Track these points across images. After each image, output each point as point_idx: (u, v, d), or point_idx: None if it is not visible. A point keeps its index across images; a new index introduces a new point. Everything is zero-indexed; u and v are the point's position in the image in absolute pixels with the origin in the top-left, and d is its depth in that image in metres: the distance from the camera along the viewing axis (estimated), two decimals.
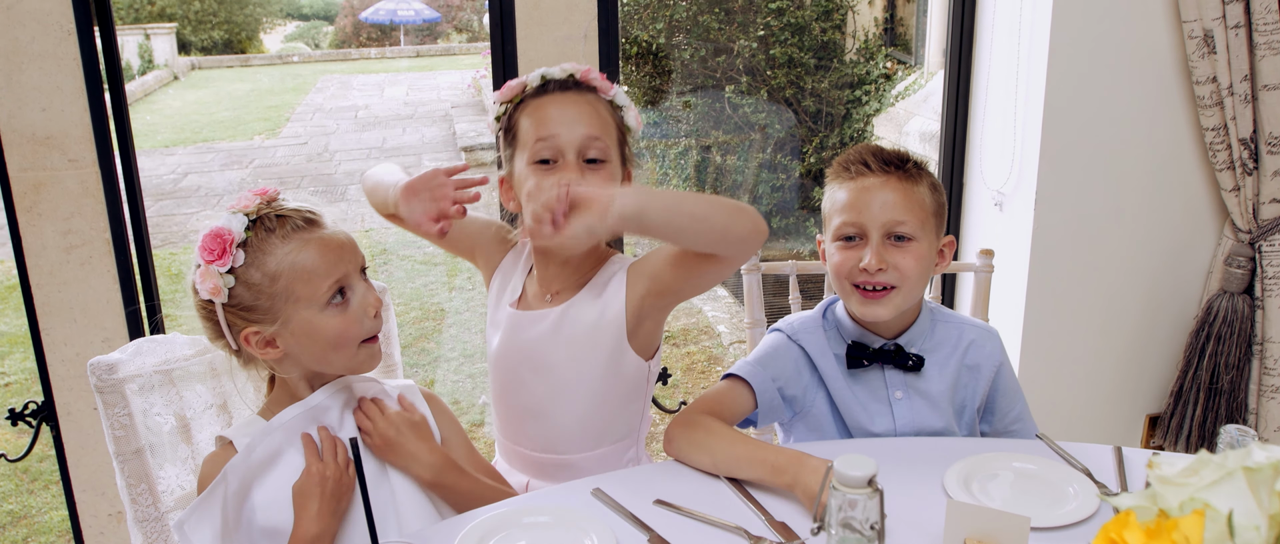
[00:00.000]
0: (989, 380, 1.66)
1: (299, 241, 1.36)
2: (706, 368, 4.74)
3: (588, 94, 1.56)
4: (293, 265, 1.35)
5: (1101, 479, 1.45)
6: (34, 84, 2.07)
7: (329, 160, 10.00)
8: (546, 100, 1.54)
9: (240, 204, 1.37)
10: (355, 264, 1.40)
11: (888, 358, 1.61)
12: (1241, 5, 2.45)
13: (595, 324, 1.55)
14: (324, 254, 1.36)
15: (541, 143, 1.50)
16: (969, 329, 1.67)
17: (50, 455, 3.62)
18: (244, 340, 1.38)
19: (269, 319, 1.36)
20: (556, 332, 1.57)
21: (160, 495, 1.59)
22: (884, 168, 1.58)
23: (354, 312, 1.39)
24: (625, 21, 6.84)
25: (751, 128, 6.96)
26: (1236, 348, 2.71)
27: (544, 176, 1.49)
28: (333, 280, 1.37)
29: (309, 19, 23.57)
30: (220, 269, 1.33)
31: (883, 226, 1.56)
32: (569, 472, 1.63)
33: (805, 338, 1.65)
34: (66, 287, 2.19)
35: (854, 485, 1.08)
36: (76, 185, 2.15)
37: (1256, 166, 2.58)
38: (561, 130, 1.50)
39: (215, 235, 1.34)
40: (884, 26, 7.05)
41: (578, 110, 1.52)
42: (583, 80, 1.56)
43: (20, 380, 4.82)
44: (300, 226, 1.37)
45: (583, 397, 1.59)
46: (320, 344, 1.38)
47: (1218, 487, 0.66)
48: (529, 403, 1.62)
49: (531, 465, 1.66)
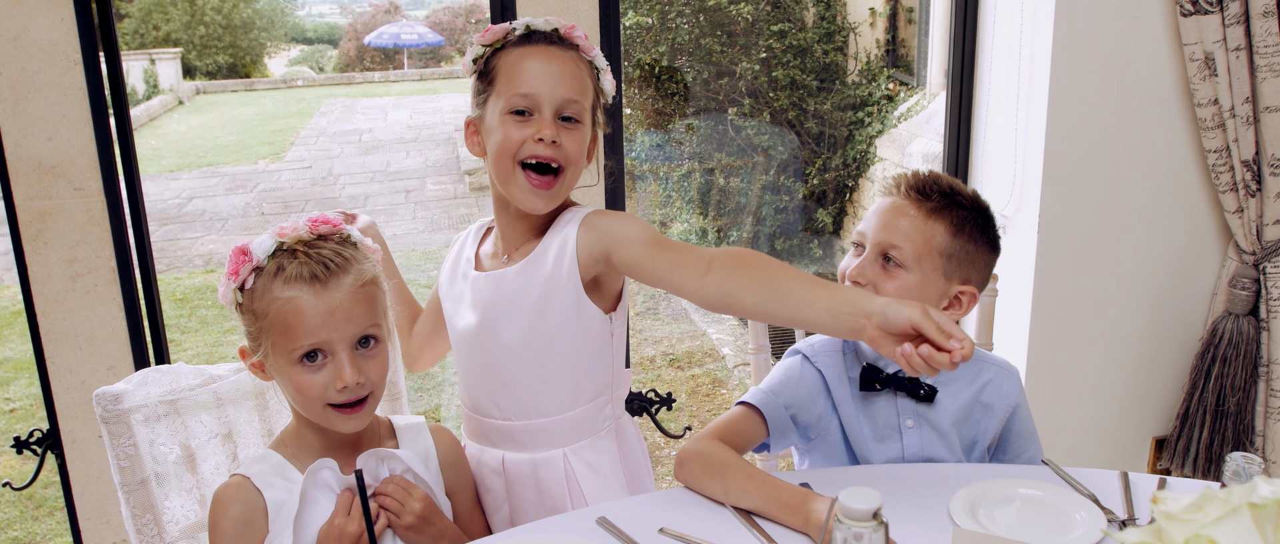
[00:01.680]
0: (1002, 420, 1.65)
1: (295, 292, 1.33)
2: (711, 391, 4.74)
3: (570, 52, 1.53)
4: (278, 313, 1.33)
5: (1108, 505, 1.44)
6: (40, 114, 2.08)
7: (333, 184, 10.04)
8: (529, 52, 1.50)
9: (289, 227, 1.36)
10: (343, 334, 1.35)
11: (901, 385, 1.61)
12: (1242, 28, 2.46)
13: (550, 277, 1.51)
14: (307, 317, 1.32)
15: (520, 96, 1.48)
16: (988, 366, 1.66)
17: (55, 482, 3.61)
18: (241, 353, 1.40)
19: (258, 348, 1.38)
20: (514, 288, 1.53)
21: (165, 526, 1.59)
22: (908, 192, 1.60)
23: (321, 377, 1.35)
24: (628, 45, 6.88)
25: (754, 150, 6.98)
26: (1243, 370, 2.70)
27: (516, 127, 1.48)
28: (306, 344, 1.33)
29: (313, 43, 23.71)
30: (232, 283, 1.35)
31: (877, 245, 1.58)
32: (547, 437, 1.59)
33: (823, 361, 1.65)
34: (72, 314, 2.20)
35: (859, 518, 1.08)
36: (82, 214, 2.16)
37: (1259, 188, 2.59)
38: (542, 87, 1.48)
39: (241, 250, 1.35)
40: (886, 48, 7.08)
41: (560, 67, 1.49)
42: (566, 36, 1.53)
43: (25, 406, 4.83)
44: (304, 278, 1.33)
45: (548, 354, 1.55)
46: (288, 390, 1.38)
47: (1223, 523, 0.66)
48: (498, 370, 1.57)
49: (506, 438, 1.61)
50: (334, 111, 15.19)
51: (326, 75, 20.50)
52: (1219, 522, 0.66)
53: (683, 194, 7.23)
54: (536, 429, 1.59)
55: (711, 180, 7.08)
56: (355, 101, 16.39)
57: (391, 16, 21.94)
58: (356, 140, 12.58)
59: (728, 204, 7.06)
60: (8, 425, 4.60)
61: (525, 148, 1.47)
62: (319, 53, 23.07)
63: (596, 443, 1.63)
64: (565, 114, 1.49)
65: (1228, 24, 2.45)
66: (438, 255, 7.27)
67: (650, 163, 7.35)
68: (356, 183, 10.06)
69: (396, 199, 9.33)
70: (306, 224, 1.37)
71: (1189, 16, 2.47)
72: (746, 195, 7.00)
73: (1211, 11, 2.45)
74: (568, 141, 1.48)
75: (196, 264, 7.39)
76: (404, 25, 20.61)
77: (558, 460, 1.59)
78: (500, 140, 1.49)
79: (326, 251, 1.36)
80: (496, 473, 1.61)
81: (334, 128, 13.63)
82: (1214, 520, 0.66)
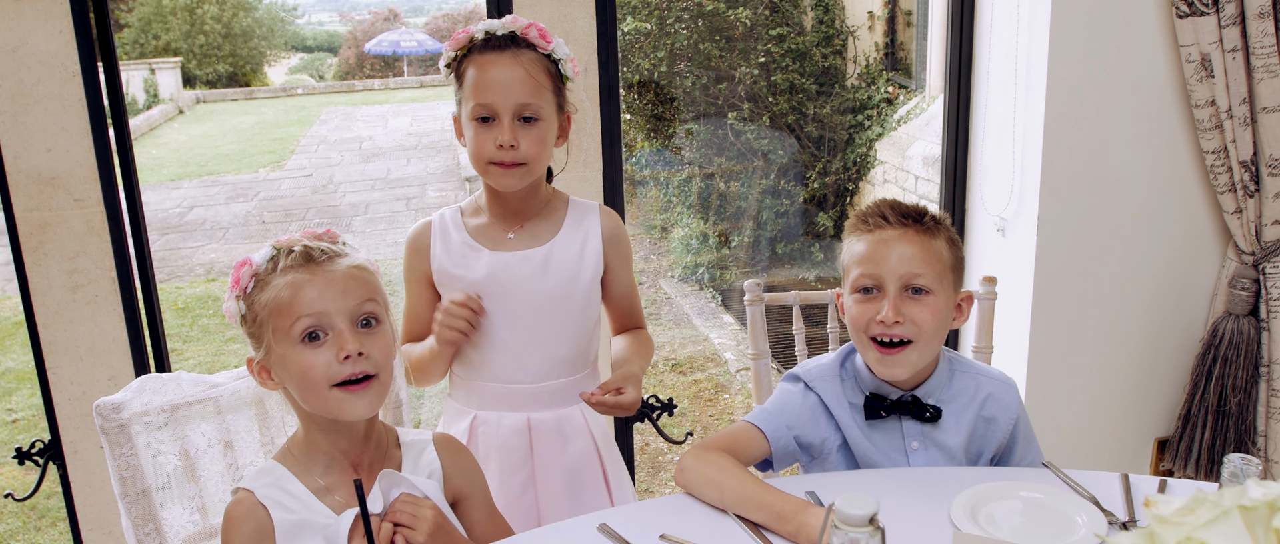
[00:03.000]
0: (1006, 432, 1.66)
1: (291, 277, 1.37)
2: (713, 396, 4.74)
3: (525, 53, 1.67)
4: (275, 298, 1.36)
5: (1109, 507, 1.44)
6: (39, 125, 2.09)
7: (334, 192, 10.05)
8: (488, 59, 1.66)
9: (284, 239, 1.42)
10: (341, 307, 1.37)
11: (905, 409, 1.61)
12: (1238, 29, 2.46)
13: (580, 253, 1.76)
14: (304, 291, 1.36)
15: (481, 105, 1.66)
16: (986, 381, 1.67)
17: (57, 493, 3.62)
18: (247, 365, 1.42)
19: (260, 346, 1.39)
20: (545, 268, 1.74)
21: (167, 536, 1.59)
22: (902, 220, 1.58)
23: (324, 356, 1.36)
24: (626, 51, 6.88)
25: (754, 154, 6.99)
26: (1244, 370, 2.70)
27: (481, 132, 1.66)
28: (307, 319, 1.36)
29: (313, 51, 23.75)
30: (234, 294, 1.39)
31: (900, 279, 1.56)
32: (565, 395, 1.79)
33: (822, 386, 1.65)
34: (72, 325, 2.21)
35: (855, 524, 1.08)
36: (82, 225, 2.16)
37: (1258, 189, 2.59)
38: (497, 97, 1.64)
39: (241, 262, 1.40)
40: (885, 52, 7.08)
41: (512, 74, 1.65)
42: (522, 36, 1.68)
43: (27, 416, 4.83)
44: (298, 263, 1.38)
45: (577, 318, 1.77)
46: (294, 381, 1.38)
47: (1214, 526, 0.66)
48: (536, 335, 1.75)
49: (529, 400, 1.78)
50: (334, 119, 15.21)
51: (326, 83, 20.51)
52: (1210, 524, 0.66)
53: (683, 199, 7.24)
54: (559, 389, 1.78)
55: (712, 185, 7.09)
56: (355, 109, 16.41)
57: (391, 24, 21.98)
58: (357, 148, 12.59)
59: (728, 208, 7.07)
60: (9, 436, 4.60)
61: (488, 151, 1.66)
62: (319, 61, 23.11)
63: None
64: (523, 115, 1.66)
65: (1224, 25, 2.45)
66: None
67: (651, 169, 7.36)
68: (357, 190, 10.07)
69: (397, 206, 9.34)
70: (301, 234, 1.43)
71: (1185, 18, 2.47)
72: (747, 199, 7.01)
73: (1207, 13, 2.45)
74: (526, 140, 1.66)
75: (197, 273, 7.39)
76: (403, 33, 20.63)
77: (576, 415, 1.81)
78: (470, 145, 1.69)
79: (320, 245, 1.42)
80: (520, 433, 1.78)
81: (334, 135, 13.64)
82: (1205, 523, 0.66)
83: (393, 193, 9.92)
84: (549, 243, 1.75)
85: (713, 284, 6.68)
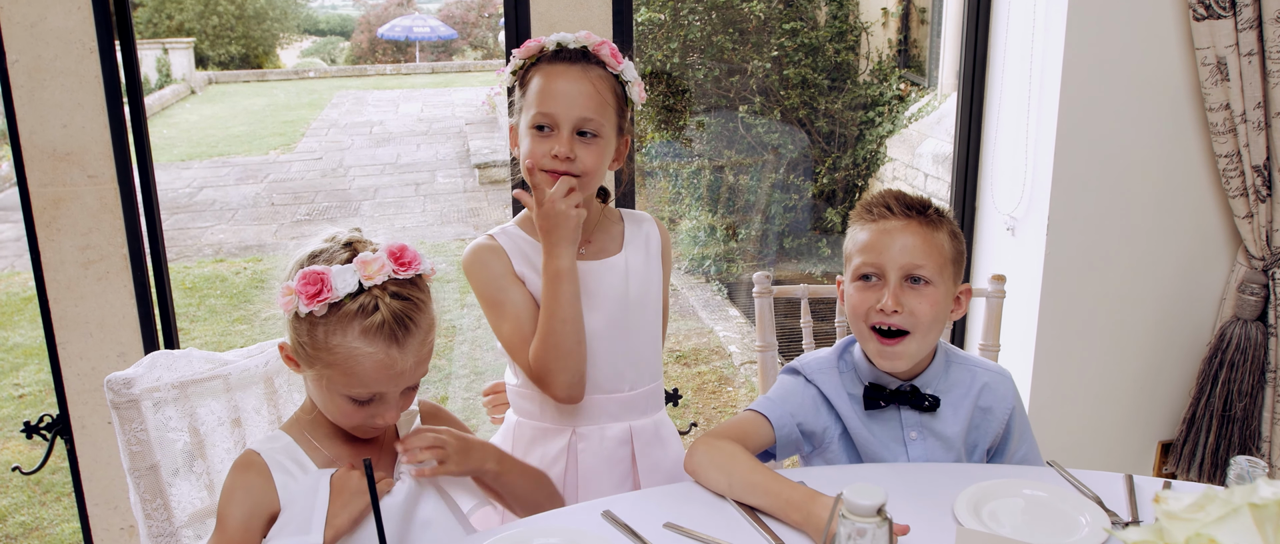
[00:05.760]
0: (1002, 422, 1.68)
1: (367, 345, 1.34)
2: (717, 388, 4.74)
3: (594, 69, 1.66)
4: (345, 359, 1.34)
5: (1112, 507, 1.45)
6: (55, 101, 2.10)
7: (343, 176, 10.06)
8: (556, 70, 1.65)
9: (372, 264, 1.35)
10: (398, 386, 1.39)
11: (903, 399, 1.63)
12: (1254, 33, 2.45)
13: (648, 261, 1.79)
14: (374, 372, 1.35)
15: (541, 114, 1.64)
16: (982, 371, 1.69)
17: (63, 468, 3.64)
18: (280, 348, 1.43)
19: (302, 357, 1.39)
20: (627, 276, 1.75)
21: (174, 511, 1.60)
22: (906, 211, 1.60)
23: (364, 413, 1.40)
24: (639, 41, 6.87)
25: (764, 148, 6.98)
26: (1250, 375, 2.70)
27: (537, 142, 1.64)
28: (365, 394, 1.38)
29: (325, 34, 23.73)
30: (302, 302, 1.33)
31: (901, 269, 1.57)
32: (656, 399, 1.83)
33: (820, 378, 1.67)
34: (83, 301, 2.21)
35: (863, 514, 1.08)
36: (95, 201, 2.17)
37: (1270, 194, 2.58)
38: (560, 107, 1.63)
39: (318, 278, 1.32)
40: (898, 48, 7.06)
41: (579, 88, 1.64)
42: (594, 53, 1.67)
43: (35, 391, 4.85)
44: (383, 336, 1.34)
45: (655, 325, 1.81)
46: (321, 401, 1.43)
47: (1224, 523, 0.66)
48: (634, 344, 1.77)
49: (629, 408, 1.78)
50: (345, 103, 15.20)
51: (338, 67, 20.50)
52: (1220, 521, 0.66)
53: (692, 191, 7.23)
54: (651, 393, 1.82)
55: (721, 177, 7.08)
56: (366, 93, 16.40)
57: (404, 9, 21.95)
58: (367, 132, 12.59)
59: (737, 201, 7.06)
60: (18, 411, 4.63)
61: (544, 161, 1.64)
62: (331, 44, 23.08)
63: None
64: (583, 130, 1.64)
65: (1240, 29, 2.44)
66: (446, 249, 7.28)
67: (660, 161, 7.36)
68: (367, 175, 10.07)
69: (406, 192, 9.34)
70: (388, 260, 1.36)
71: (1202, 21, 2.47)
72: (756, 193, 7.00)
73: (1224, 16, 2.44)
74: (584, 155, 1.64)
75: (206, 253, 7.40)
76: (416, 18, 20.60)
77: (667, 419, 1.87)
78: (524, 152, 1.67)
79: (406, 307, 1.36)
80: (623, 443, 1.78)
81: (345, 119, 13.63)
82: (1215, 520, 0.66)
83: (402, 178, 9.92)
84: (622, 252, 1.77)
85: (719, 277, 6.68)
